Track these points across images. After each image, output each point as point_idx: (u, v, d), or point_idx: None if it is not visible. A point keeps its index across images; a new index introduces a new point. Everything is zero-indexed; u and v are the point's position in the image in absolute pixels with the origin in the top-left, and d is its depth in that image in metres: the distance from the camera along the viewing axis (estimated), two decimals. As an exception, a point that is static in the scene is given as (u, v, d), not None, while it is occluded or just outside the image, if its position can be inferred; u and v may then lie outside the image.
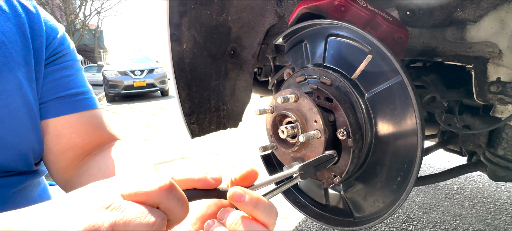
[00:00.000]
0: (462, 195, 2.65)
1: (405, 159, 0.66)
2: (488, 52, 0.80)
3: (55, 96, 0.65)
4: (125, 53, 11.49)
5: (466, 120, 0.99)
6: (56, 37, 0.67)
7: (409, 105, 0.62)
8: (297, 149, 0.79)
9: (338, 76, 0.78)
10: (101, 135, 0.74)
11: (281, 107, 0.83)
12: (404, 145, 0.65)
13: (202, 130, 1.54)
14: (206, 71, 1.48)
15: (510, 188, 2.70)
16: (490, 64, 0.80)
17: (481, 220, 2.24)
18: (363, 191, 0.79)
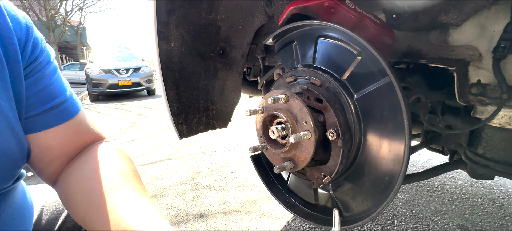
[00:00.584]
0: (442, 192, 2.76)
1: (393, 159, 0.67)
2: (469, 55, 0.83)
3: (41, 109, 0.60)
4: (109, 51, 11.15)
5: (448, 121, 1.03)
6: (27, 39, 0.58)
7: (397, 106, 0.63)
8: (287, 149, 0.79)
9: (328, 77, 0.79)
10: (87, 139, 0.72)
11: (272, 108, 0.83)
12: (392, 145, 0.67)
13: (191, 130, 1.52)
14: (195, 70, 1.46)
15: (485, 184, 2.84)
16: (471, 66, 0.84)
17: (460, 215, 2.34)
18: (352, 191, 0.80)
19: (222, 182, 2.81)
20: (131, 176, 0.59)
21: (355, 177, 0.78)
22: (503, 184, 2.83)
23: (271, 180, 1.10)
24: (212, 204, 2.42)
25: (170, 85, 1.37)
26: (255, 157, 1.14)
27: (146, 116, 6.72)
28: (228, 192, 2.60)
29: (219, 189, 2.67)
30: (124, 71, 9.61)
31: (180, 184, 2.83)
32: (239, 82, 1.62)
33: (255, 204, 2.37)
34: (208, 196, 2.56)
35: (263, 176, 1.10)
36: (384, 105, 0.67)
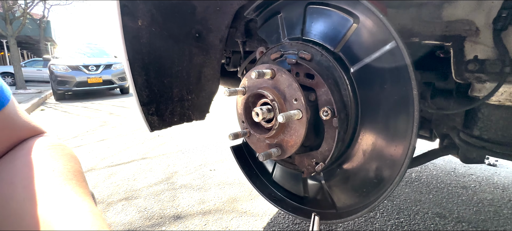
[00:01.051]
0: (420, 182, 2.82)
1: (397, 138, 0.59)
2: (465, 30, 0.78)
3: None
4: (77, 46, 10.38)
5: (438, 104, 0.98)
6: None
7: (401, 76, 0.54)
8: (274, 133, 0.68)
9: (319, 49, 0.68)
10: (21, 134, 0.56)
11: (255, 86, 0.71)
12: (396, 122, 0.58)
13: (163, 122, 1.36)
14: (167, 54, 1.30)
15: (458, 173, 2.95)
16: (467, 42, 0.79)
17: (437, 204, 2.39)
18: (347, 179, 0.71)
19: (201, 181, 2.65)
20: (69, 178, 0.45)
21: (351, 163, 0.69)
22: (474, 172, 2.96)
23: (254, 173, 0.98)
24: (190, 204, 2.26)
25: (138, 70, 1.20)
26: (236, 148, 1.01)
27: (118, 115, 6.30)
28: (207, 191, 2.45)
29: (198, 188, 2.51)
30: (93, 68, 8.97)
31: (154, 184, 2.62)
32: (217, 69, 1.48)
33: (236, 202, 2.25)
34: (186, 196, 2.39)
35: (246, 169, 0.98)
36: (385, 77, 0.58)
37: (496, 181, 2.84)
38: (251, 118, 0.73)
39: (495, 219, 2.17)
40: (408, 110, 0.54)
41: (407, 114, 0.54)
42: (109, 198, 2.47)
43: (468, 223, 2.15)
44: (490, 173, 3.00)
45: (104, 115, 6.28)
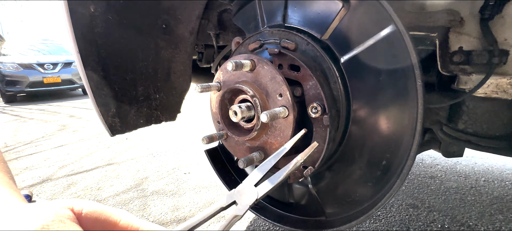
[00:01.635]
0: (393, 175, 2.93)
1: (393, 138, 0.52)
2: (449, 21, 0.75)
3: None
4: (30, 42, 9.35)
5: (420, 98, 0.97)
6: None
7: (400, 65, 0.47)
8: (255, 135, 0.58)
9: (305, 37, 0.60)
10: None
11: (232, 80, 0.61)
12: (392, 118, 0.51)
13: (127, 125, 1.19)
14: (129, 47, 1.14)
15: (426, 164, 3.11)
16: (451, 33, 0.76)
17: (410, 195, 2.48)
18: (337, 183, 0.64)
19: (174, 186, 2.48)
20: None
21: (342, 164, 0.62)
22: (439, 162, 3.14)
23: (233, 179, 0.88)
24: (163, 212, 2.09)
25: (93, 65, 1.03)
26: (211, 151, 0.90)
27: (80, 117, 5.76)
28: (181, 196, 2.29)
29: (171, 194, 2.34)
30: (50, 66, 8.11)
31: (122, 192, 2.40)
32: (188, 65, 1.34)
33: (213, 206, 2.13)
34: (158, 203, 2.21)
35: (223, 175, 0.88)
36: (381, 67, 0.51)
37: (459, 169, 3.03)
38: (228, 117, 0.62)
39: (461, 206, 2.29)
40: (409, 105, 0.47)
41: (408, 109, 0.48)
42: (67, 212, 2.19)
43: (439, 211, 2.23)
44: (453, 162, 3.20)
45: (64, 118, 5.72)
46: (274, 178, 0.38)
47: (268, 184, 0.37)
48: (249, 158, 0.57)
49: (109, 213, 0.31)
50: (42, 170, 3.01)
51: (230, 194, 0.35)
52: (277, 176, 0.38)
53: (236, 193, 0.35)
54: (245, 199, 0.35)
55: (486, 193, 2.38)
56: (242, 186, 0.36)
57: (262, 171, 0.39)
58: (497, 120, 0.81)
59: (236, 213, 0.33)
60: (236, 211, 0.33)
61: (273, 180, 0.37)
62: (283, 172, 0.38)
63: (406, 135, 0.49)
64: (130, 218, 0.32)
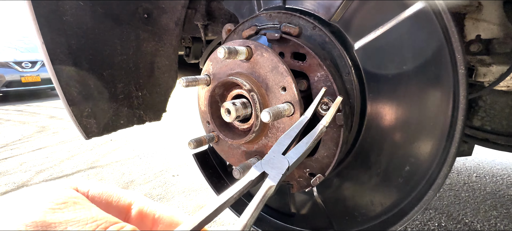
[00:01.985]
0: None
1: (421, 139, 0.43)
2: (464, 7, 0.68)
3: None
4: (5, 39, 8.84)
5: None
6: None
7: (434, 51, 0.38)
8: (253, 137, 0.48)
9: (311, 20, 0.50)
10: None
11: (224, 72, 0.50)
12: (421, 117, 0.42)
13: (105, 126, 1.06)
14: (106, 39, 1.01)
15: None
16: (467, 20, 0.69)
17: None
18: (348, 191, 0.55)
19: (162, 189, 2.35)
20: None
21: (354, 169, 0.53)
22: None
23: (225, 186, 0.78)
24: (150, 218, 1.96)
25: (62, 58, 0.89)
26: (200, 155, 0.79)
27: (61, 118, 5.47)
28: (169, 200, 2.17)
29: (159, 198, 2.21)
30: (28, 65, 7.71)
31: (105, 198, 2.24)
32: (174, 59, 1.23)
33: (203, 210, 2.02)
34: (144, 208, 2.08)
35: (214, 182, 0.77)
36: (405, 53, 0.42)
37: (451, 165, 3.04)
38: (219, 117, 0.52)
39: (456, 203, 2.27)
40: (443, 98, 0.38)
41: (442, 103, 0.39)
42: (43, 222, 2.02)
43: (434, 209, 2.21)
44: (445, 157, 3.21)
45: (43, 120, 5.43)
46: (301, 146, 0.34)
47: (296, 152, 0.34)
48: (246, 165, 0.47)
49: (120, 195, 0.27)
50: (17, 175, 2.80)
51: (258, 165, 0.31)
52: (304, 142, 0.35)
53: (264, 163, 0.31)
54: (276, 169, 0.30)
55: (479, 189, 2.38)
56: (269, 156, 0.33)
57: (288, 139, 0.36)
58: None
59: (270, 184, 0.28)
60: (269, 182, 0.28)
61: (300, 148, 0.34)
62: (310, 138, 0.35)
63: (438, 135, 0.40)
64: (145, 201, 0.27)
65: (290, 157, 0.33)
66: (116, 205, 0.28)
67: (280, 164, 0.32)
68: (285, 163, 0.31)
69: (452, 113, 0.38)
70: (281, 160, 0.32)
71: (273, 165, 0.31)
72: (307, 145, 0.34)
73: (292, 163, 0.32)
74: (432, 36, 0.38)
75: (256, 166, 0.30)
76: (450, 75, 0.37)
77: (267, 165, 0.31)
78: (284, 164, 0.31)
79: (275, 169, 0.31)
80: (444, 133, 0.39)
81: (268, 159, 0.32)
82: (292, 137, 0.35)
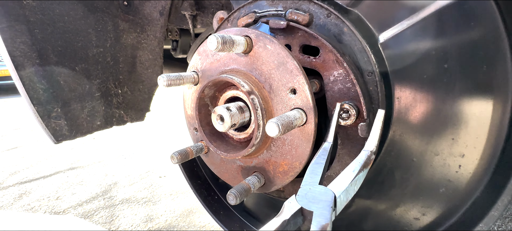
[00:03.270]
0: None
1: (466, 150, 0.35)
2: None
3: None
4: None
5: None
6: None
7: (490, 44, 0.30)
8: (252, 151, 0.38)
9: (325, 5, 0.40)
10: None
11: (215, 68, 0.40)
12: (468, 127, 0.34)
13: (78, 128, 0.94)
14: (78, 28, 0.88)
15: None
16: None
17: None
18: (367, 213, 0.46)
19: (148, 192, 2.22)
20: None
21: (375, 188, 0.44)
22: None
23: (216, 199, 0.68)
24: (134, 224, 1.84)
25: (24, 50, 0.76)
26: (187, 164, 0.69)
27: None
28: (155, 204, 2.05)
29: (144, 201, 2.09)
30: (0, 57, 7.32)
31: (86, 202, 2.10)
32: (158, 53, 1.11)
33: (192, 215, 1.91)
34: (128, 213, 1.95)
35: (203, 195, 0.67)
36: (447, 47, 0.34)
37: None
38: (210, 124, 0.42)
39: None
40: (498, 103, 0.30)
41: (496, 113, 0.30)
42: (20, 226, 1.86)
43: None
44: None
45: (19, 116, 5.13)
46: (348, 174, 0.27)
47: (342, 179, 0.27)
48: (243, 187, 0.37)
49: None
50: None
51: (292, 201, 0.24)
52: (350, 170, 0.28)
53: (300, 198, 0.24)
54: (321, 202, 0.23)
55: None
56: (304, 189, 0.26)
57: (319, 167, 0.29)
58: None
59: (321, 223, 0.22)
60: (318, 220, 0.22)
61: (346, 176, 0.27)
62: (358, 165, 0.28)
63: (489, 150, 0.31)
64: None
65: (335, 187, 0.24)
66: None
67: (324, 197, 0.24)
68: (329, 193, 0.23)
69: (509, 125, 0.30)
70: (322, 191, 0.25)
71: (314, 199, 0.23)
72: (354, 171, 0.25)
73: (340, 192, 0.23)
74: (486, 26, 0.29)
75: (290, 203, 0.23)
76: (509, 77, 0.28)
77: (306, 201, 0.23)
78: (328, 194, 0.23)
79: (319, 203, 0.22)
80: (498, 146, 0.31)
81: (304, 192, 0.25)
82: (323, 165, 0.26)
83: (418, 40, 0.36)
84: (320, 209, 0.21)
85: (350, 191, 0.25)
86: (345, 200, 0.24)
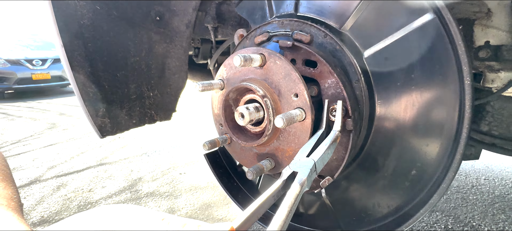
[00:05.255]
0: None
1: (428, 144, 0.45)
2: (474, 13, 0.69)
3: None
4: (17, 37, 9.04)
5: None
6: None
7: (442, 61, 0.40)
8: (266, 140, 0.51)
9: (322, 28, 0.52)
10: None
11: (238, 78, 0.53)
12: (428, 124, 0.44)
13: (118, 125, 1.10)
14: (120, 41, 1.04)
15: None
16: (476, 26, 0.69)
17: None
18: (355, 193, 0.57)
19: (170, 187, 2.39)
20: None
21: (362, 172, 0.55)
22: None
23: (235, 185, 0.80)
24: (158, 215, 2.00)
25: (79, 60, 0.93)
26: (211, 155, 0.82)
27: (71, 115, 5.58)
28: (177, 198, 2.21)
29: (166, 195, 2.26)
30: (39, 62, 7.87)
31: (115, 194, 2.30)
32: (184, 60, 1.25)
33: (210, 208, 2.05)
34: (152, 205, 2.12)
35: (224, 181, 0.80)
36: (414, 62, 0.44)
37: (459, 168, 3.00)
38: (232, 120, 0.54)
39: (463, 206, 2.25)
40: (450, 106, 0.40)
41: (449, 111, 0.41)
42: (58, 215, 2.10)
43: (441, 211, 2.19)
44: (452, 159, 3.17)
45: (53, 116, 5.55)
46: (321, 148, 0.39)
47: (318, 153, 0.37)
48: (258, 167, 0.50)
49: None
50: (30, 170, 2.89)
51: (287, 169, 0.35)
52: (323, 145, 0.39)
53: (292, 166, 0.35)
54: (304, 168, 0.35)
55: (487, 192, 2.36)
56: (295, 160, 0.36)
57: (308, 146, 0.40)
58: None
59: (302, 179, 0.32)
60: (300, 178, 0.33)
61: (320, 149, 0.38)
62: (328, 141, 0.39)
63: (445, 141, 0.42)
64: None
65: (314, 157, 0.36)
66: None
67: (307, 164, 0.35)
68: (311, 161, 0.34)
69: (458, 120, 0.40)
70: (307, 161, 0.36)
71: (300, 166, 0.34)
72: (326, 145, 0.37)
73: (317, 159, 0.35)
74: (439, 47, 0.40)
75: (286, 169, 0.34)
76: (457, 85, 0.39)
77: (295, 167, 0.34)
78: (310, 163, 0.34)
79: (303, 168, 0.34)
80: (450, 139, 0.41)
81: (295, 162, 0.36)
82: (312, 144, 0.38)
83: (393, 56, 0.47)
84: (303, 171, 0.32)
85: (324, 158, 0.36)
86: (321, 164, 0.36)
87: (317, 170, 0.34)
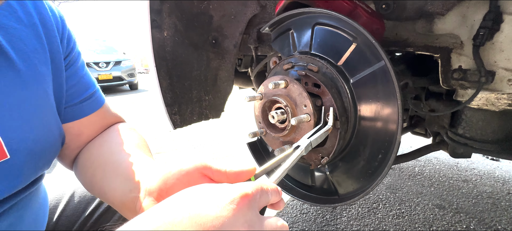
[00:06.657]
0: (422, 176, 2.94)
1: (386, 138, 0.73)
2: (452, 43, 0.90)
3: (78, 99, 0.65)
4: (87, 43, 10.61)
5: (431, 105, 1.11)
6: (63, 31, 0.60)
7: (390, 88, 0.68)
8: (287, 133, 0.82)
9: (325, 63, 0.82)
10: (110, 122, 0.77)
11: (271, 93, 0.86)
12: (385, 125, 0.72)
13: (184, 120, 1.52)
14: (188, 60, 1.45)
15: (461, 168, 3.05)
16: (453, 53, 0.91)
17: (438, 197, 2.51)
18: (347, 170, 0.85)
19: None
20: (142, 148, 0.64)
21: (350, 157, 0.83)
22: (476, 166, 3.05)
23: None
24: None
25: (163, 75, 1.35)
26: (251, 144, 1.17)
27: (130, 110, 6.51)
28: (219, 183, 2.62)
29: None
30: (104, 65, 9.18)
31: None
32: (231, 72, 1.63)
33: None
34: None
35: (260, 162, 1.14)
36: (378, 88, 0.72)
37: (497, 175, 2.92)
38: (267, 120, 0.88)
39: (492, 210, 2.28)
40: (395, 116, 0.68)
41: (394, 119, 0.68)
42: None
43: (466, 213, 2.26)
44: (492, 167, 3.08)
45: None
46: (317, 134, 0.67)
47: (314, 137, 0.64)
48: (282, 149, 0.82)
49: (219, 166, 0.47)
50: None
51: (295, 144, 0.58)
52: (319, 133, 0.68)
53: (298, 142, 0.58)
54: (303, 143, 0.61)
55: (523, 201, 2.32)
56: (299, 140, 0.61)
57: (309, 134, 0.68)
58: (488, 128, 0.94)
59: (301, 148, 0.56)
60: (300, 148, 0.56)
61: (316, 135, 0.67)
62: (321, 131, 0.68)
63: (394, 137, 0.69)
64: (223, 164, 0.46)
65: (311, 139, 0.66)
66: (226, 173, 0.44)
67: (306, 142, 0.65)
68: (309, 140, 0.65)
69: (397, 126, 0.67)
70: (306, 140, 0.65)
71: (302, 142, 0.64)
72: (319, 134, 0.67)
73: (312, 140, 0.65)
74: (388, 80, 0.68)
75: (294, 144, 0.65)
76: (398, 107, 0.66)
77: (299, 142, 0.64)
78: (308, 141, 0.65)
79: (303, 143, 0.64)
80: (396, 136, 0.68)
81: (300, 140, 0.64)
82: (311, 133, 0.68)
83: (367, 83, 0.75)
84: (303, 144, 0.62)
85: (318, 140, 0.64)
86: (315, 143, 0.64)
87: (313, 145, 0.64)
